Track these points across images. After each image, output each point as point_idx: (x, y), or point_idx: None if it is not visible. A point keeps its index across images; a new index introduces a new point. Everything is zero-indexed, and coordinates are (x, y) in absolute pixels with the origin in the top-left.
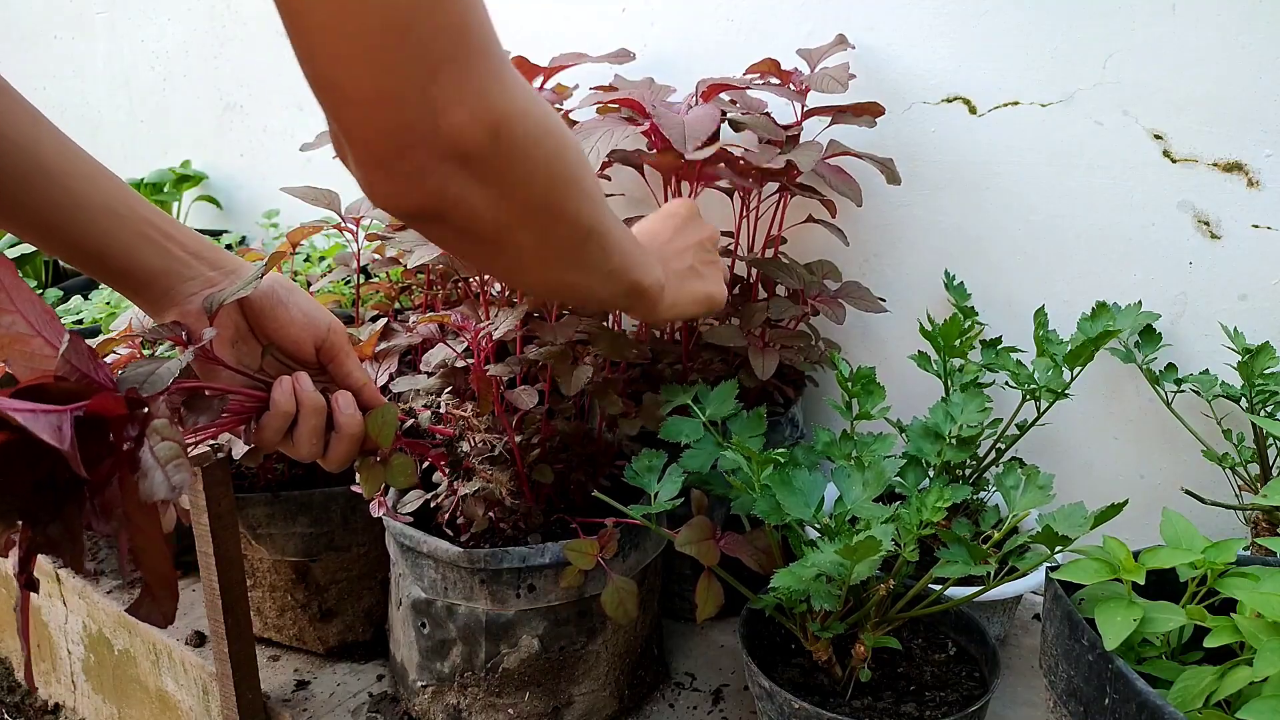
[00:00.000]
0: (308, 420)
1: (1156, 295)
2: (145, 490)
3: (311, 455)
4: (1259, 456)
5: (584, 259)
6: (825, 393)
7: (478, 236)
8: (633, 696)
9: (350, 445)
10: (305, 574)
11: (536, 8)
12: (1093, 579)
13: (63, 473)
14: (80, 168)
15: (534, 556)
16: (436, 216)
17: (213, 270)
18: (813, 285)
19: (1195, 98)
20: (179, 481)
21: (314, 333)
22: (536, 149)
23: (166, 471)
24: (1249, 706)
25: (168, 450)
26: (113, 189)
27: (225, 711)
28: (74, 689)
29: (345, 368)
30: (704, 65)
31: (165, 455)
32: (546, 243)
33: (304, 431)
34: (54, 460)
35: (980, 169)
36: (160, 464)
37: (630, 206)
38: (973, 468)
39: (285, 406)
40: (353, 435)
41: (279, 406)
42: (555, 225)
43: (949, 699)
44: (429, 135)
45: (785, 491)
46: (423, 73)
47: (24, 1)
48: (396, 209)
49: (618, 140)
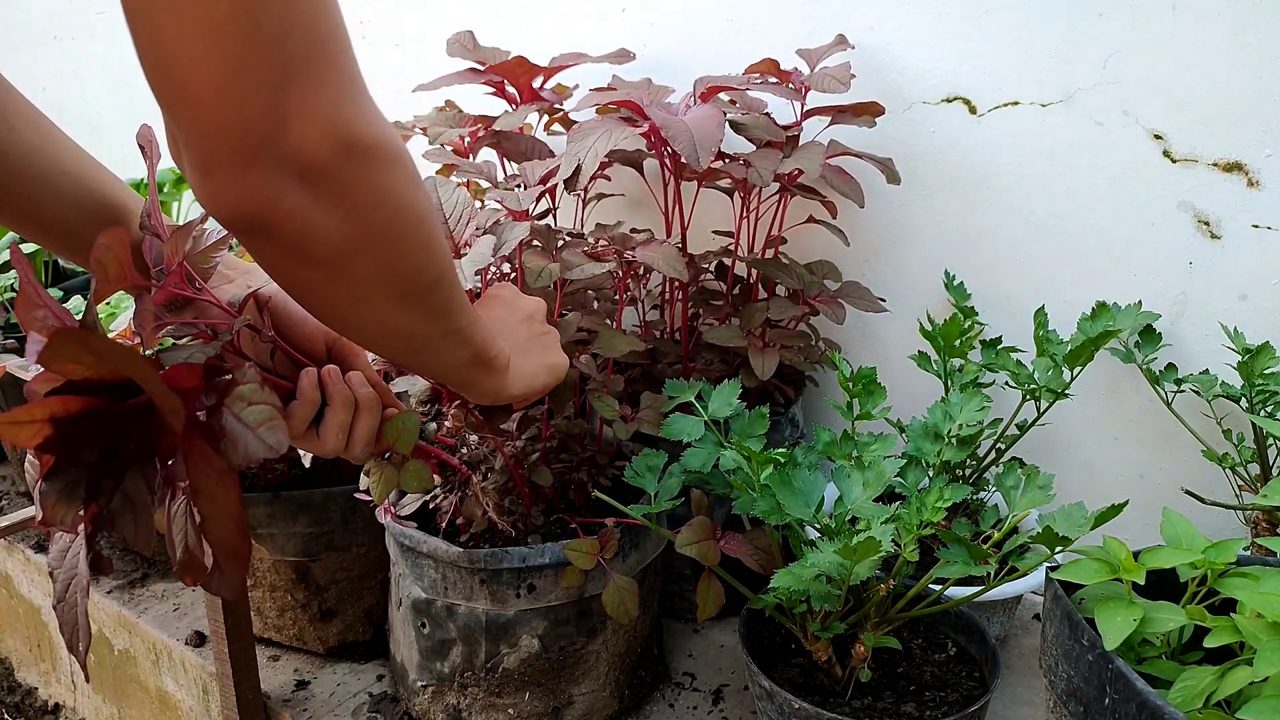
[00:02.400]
0: (337, 414)
1: (1156, 295)
2: (240, 453)
3: (338, 449)
4: (1259, 456)
5: (428, 304)
6: (825, 393)
7: (310, 258)
8: (633, 696)
9: (372, 422)
10: (305, 574)
11: (537, 8)
12: (1093, 579)
13: (128, 445)
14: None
15: (534, 556)
16: (265, 230)
17: (228, 269)
18: (813, 285)
19: (1195, 98)
20: (275, 441)
21: (325, 331)
22: (387, 178)
23: (259, 433)
24: (1249, 706)
25: (259, 414)
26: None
27: (225, 711)
28: (74, 689)
29: (357, 365)
30: (704, 65)
31: (256, 418)
32: (389, 277)
33: (332, 425)
34: (117, 433)
35: (980, 169)
36: (251, 427)
37: (630, 207)
38: (973, 468)
39: (311, 395)
40: (372, 409)
41: (305, 395)
42: (400, 260)
43: (949, 699)
44: (271, 143)
45: (785, 491)
46: (273, 75)
47: (24, 2)
48: (226, 216)
49: (616, 140)
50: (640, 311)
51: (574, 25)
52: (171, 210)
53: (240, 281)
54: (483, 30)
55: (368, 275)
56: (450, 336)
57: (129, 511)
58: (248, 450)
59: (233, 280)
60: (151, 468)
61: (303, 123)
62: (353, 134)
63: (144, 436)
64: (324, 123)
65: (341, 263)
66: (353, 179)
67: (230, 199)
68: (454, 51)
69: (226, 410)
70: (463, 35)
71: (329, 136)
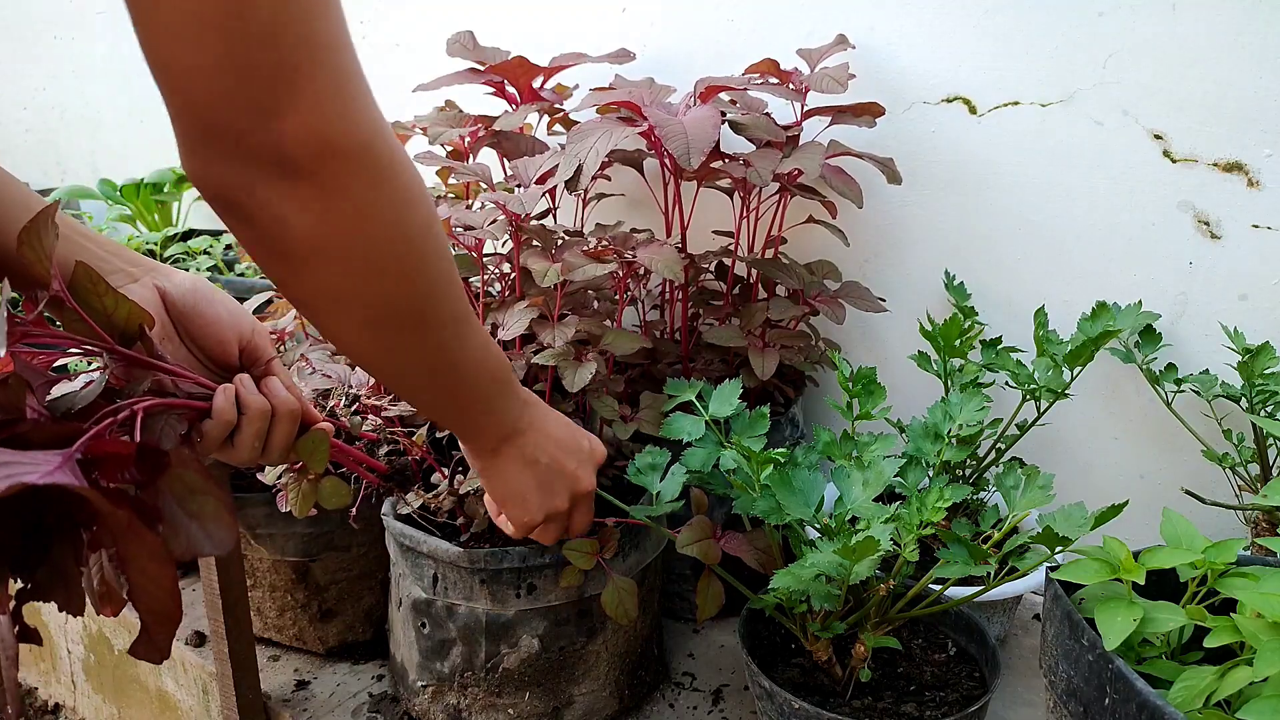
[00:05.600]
0: (252, 424)
1: (1156, 295)
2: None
3: (253, 459)
4: (1259, 456)
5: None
6: (825, 393)
7: (277, 252)
8: (633, 696)
9: (289, 429)
10: (305, 574)
11: (537, 7)
12: (1093, 579)
13: (49, 515)
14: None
15: (534, 556)
16: (237, 214)
17: (132, 266)
18: (813, 285)
19: (1195, 98)
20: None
21: (238, 332)
22: (371, 188)
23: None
24: (1249, 706)
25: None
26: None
27: (225, 711)
28: (74, 689)
29: (272, 370)
30: (704, 65)
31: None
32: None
33: (247, 436)
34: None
35: (980, 169)
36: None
37: (630, 207)
38: (973, 468)
39: (228, 415)
40: (290, 414)
41: (221, 414)
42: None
43: (949, 699)
44: (252, 134)
45: (785, 491)
46: (259, 69)
47: (24, 2)
48: (206, 194)
49: (617, 141)
50: (640, 311)
51: (574, 25)
52: (171, 210)
53: (146, 280)
54: (483, 30)
55: (335, 287)
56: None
57: (59, 581)
58: (190, 543)
59: (137, 279)
60: (78, 536)
61: (285, 118)
62: (336, 136)
63: (65, 507)
64: (307, 121)
65: (308, 265)
66: (331, 182)
67: (209, 180)
68: (454, 51)
69: (167, 494)
70: (463, 35)
71: (312, 135)
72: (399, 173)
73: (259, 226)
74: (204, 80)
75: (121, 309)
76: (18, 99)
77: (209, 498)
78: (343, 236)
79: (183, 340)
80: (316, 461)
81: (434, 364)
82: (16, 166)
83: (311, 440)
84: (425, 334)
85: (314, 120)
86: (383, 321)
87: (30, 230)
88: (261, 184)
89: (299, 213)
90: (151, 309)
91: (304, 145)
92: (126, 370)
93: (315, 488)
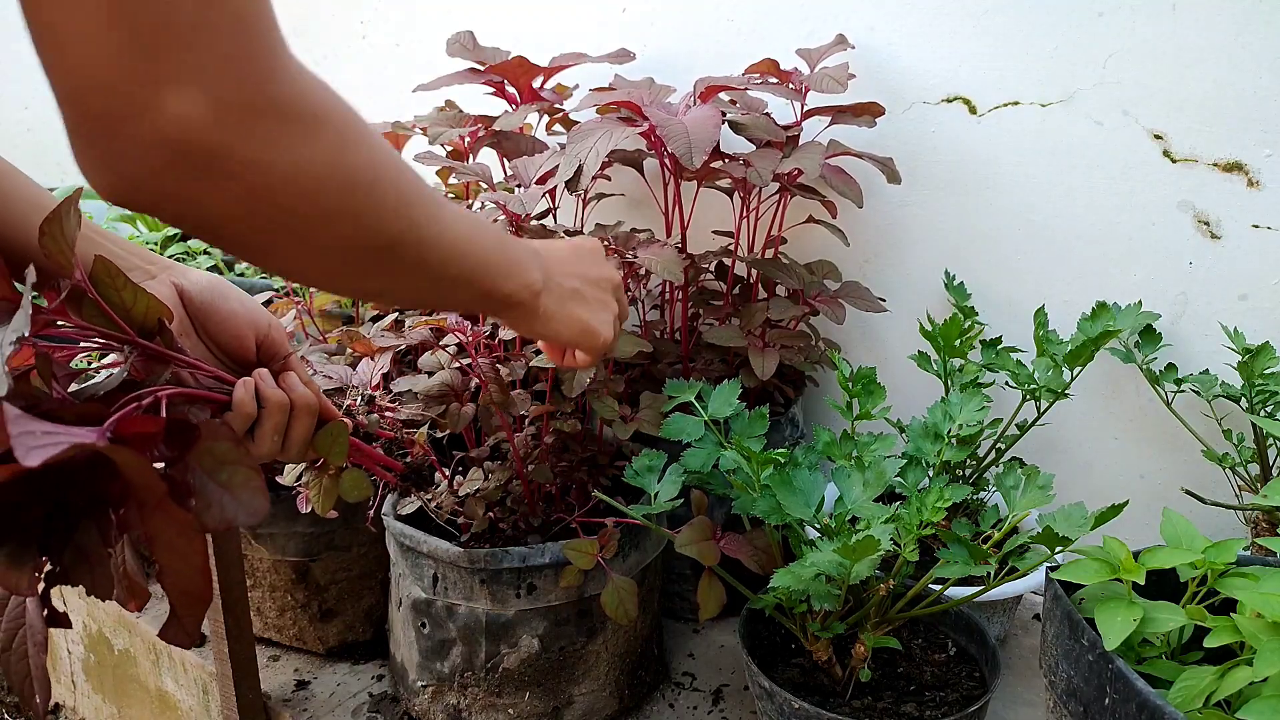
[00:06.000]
0: (272, 417)
1: (1156, 295)
2: (215, 517)
3: (272, 453)
4: (1259, 456)
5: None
6: (825, 393)
7: (220, 239)
8: (633, 696)
9: (308, 423)
10: (305, 574)
11: (538, 7)
12: (1093, 579)
13: (75, 497)
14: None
15: (534, 556)
16: (154, 211)
17: (148, 264)
18: (813, 285)
19: (1195, 98)
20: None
21: (255, 328)
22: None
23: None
24: (1249, 706)
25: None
26: (37, 192)
27: (225, 711)
28: (74, 689)
29: (291, 364)
30: (704, 65)
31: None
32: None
33: (267, 429)
34: (64, 486)
35: (980, 169)
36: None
37: (630, 206)
38: (973, 468)
39: (248, 408)
40: (308, 408)
41: (242, 407)
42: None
43: (949, 699)
44: (139, 113)
45: (785, 491)
46: (145, 35)
47: None
48: (106, 195)
49: (617, 141)
50: (640, 311)
51: (574, 25)
52: None
53: (164, 277)
54: (483, 30)
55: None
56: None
57: (84, 563)
58: (224, 514)
59: (155, 276)
60: (105, 517)
61: (182, 88)
62: (251, 101)
63: (92, 486)
64: (209, 88)
65: (266, 241)
66: (253, 154)
67: (103, 178)
68: (454, 51)
69: (197, 468)
70: (463, 35)
71: (216, 103)
72: (332, 114)
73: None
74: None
75: (140, 303)
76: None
77: (240, 467)
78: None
79: (200, 337)
80: (336, 454)
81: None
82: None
83: (330, 433)
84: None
85: (221, 84)
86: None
87: (52, 220)
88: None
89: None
90: (170, 305)
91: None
92: (146, 363)
93: (336, 482)
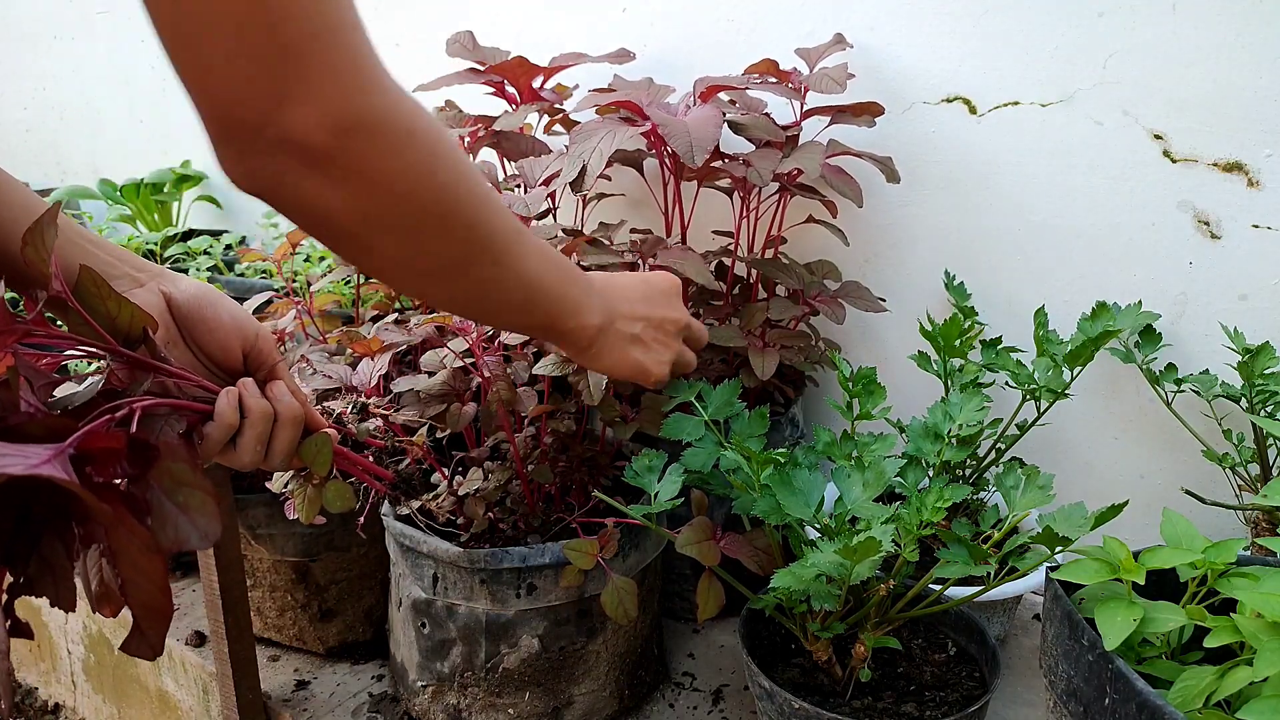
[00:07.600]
0: (254, 427)
1: (1156, 295)
2: (169, 536)
3: (254, 463)
4: (1259, 456)
5: (469, 278)
6: (825, 393)
7: (334, 233)
8: (633, 696)
9: (292, 434)
10: (305, 574)
11: (537, 7)
12: (1093, 579)
13: (39, 509)
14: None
15: (534, 556)
16: (277, 204)
17: (138, 272)
18: (813, 285)
19: (1195, 98)
20: (211, 531)
21: (243, 337)
22: (394, 158)
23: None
24: (1249, 706)
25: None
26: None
27: (225, 711)
28: (74, 689)
29: (277, 374)
30: (704, 65)
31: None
32: (418, 253)
33: (249, 439)
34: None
35: (980, 169)
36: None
37: (630, 206)
38: (973, 468)
39: (230, 418)
40: (293, 419)
41: (224, 418)
42: (427, 238)
43: (949, 699)
44: (267, 123)
45: (785, 491)
46: (268, 59)
47: (24, 2)
48: (241, 188)
49: (620, 141)
50: None
51: (574, 25)
52: (171, 210)
53: (152, 285)
54: (483, 30)
55: (393, 252)
56: (511, 308)
57: (48, 575)
58: (178, 535)
59: (143, 284)
60: (69, 530)
61: (299, 105)
62: (352, 115)
63: (53, 499)
64: (322, 105)
65: (368, 239)
66: (355, 160)
67: (238, 174)
68: (454, 51)
69: (155, 487)
70: (463, 35)
71: (327, 118)
72: (417, 134)
73: (301, 214)
74: (220, 79)
75: (125, 312)
76: (18, 99)
77: (196, 490)
78: (378, 209)
79: (188, 345)
80: (320, 465)
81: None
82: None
83: (314, 444)
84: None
85: (331, 103)
86: (444, 270)
87: (34, 231)
88: (290, 173)
89: (332, 195)
90: (157, 314)
91: (324, 130)
92: (129, 372)
93: (320, 492)
